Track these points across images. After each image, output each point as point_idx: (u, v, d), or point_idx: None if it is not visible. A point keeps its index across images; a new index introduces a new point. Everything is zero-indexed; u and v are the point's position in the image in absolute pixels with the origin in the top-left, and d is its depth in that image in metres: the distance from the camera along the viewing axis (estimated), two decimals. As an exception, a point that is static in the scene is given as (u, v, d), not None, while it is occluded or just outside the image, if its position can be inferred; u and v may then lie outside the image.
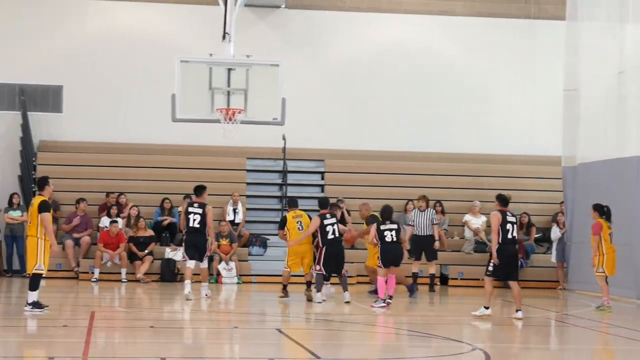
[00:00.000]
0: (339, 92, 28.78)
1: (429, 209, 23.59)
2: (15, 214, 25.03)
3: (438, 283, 24.83)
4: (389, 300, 19.33)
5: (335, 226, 20.02)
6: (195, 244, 20.13)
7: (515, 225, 17.92)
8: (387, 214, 19.91)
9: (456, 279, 25.46)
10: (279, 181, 27.72)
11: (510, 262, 17.87)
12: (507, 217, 17.81)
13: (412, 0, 29.19)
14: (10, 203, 25.52)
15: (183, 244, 20.59)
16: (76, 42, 27.79)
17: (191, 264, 20.04)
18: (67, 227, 25.11)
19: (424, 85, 29.00)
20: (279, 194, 27.71)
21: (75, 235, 24.97)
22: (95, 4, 27.90)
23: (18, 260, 25.05)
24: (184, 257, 20.40)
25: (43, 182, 17.59)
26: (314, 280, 20.05)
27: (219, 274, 24.27)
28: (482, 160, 28.51)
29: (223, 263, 24.41)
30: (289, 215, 20.63)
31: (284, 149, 27.51)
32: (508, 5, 29.47)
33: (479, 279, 24.05)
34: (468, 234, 26.44)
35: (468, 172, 28.02)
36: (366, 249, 21.89)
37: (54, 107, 27.83)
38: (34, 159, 26.79)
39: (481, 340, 15.60)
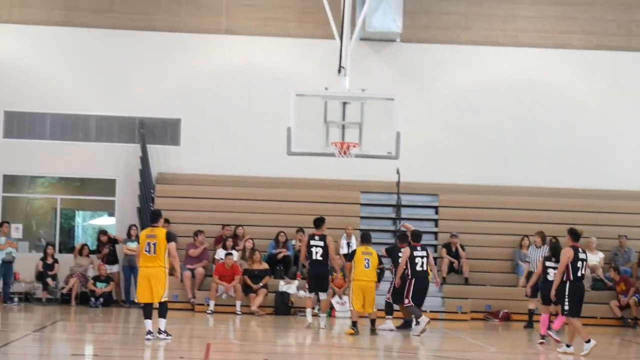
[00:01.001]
0: (453, 126, 28.62)
1: (545, 245, 23.23)
2: (134, 245, 25.41)
3: (554, 320, 24.37)
4: None
5: (425, 259, 20.03)
6: (318, 276, 20.36)
7: (585, 262, 17.53)
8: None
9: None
10: (393, 215, 27.65)
11: (581, 300, 17.52)
12: (579, 253, 17.42)
13: (527, 33, 28.94)
14: (129, 235, 26.00)
15: (306, 276, 20.77)
16: (194, 76, 28.25)
17: (310, 295, 20.31)
18: (195, 252, 25.30)
19: (540, 119, 28.66)
20: (392, 228, 27.63)
21: (190, 266, 25.28)
22: (213, 39, 28.31)
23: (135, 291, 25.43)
24: (305, 288, 20.58)
25: (158, 215, 17.98)
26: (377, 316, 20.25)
27: (332, 307, 24.28)
28: (599, 196, 28.00)
29: (336, 297, 24.42)
30: (359, 249, 20.57)
31: (397, 183, 27.45)
32: (627, 38, 28.98)
33: (596, 317, 23.65)
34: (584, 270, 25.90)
35: (585, 207, 27.53)
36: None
37: (172, 140, 28.30)
38: (152, 191, 27.23)
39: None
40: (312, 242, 20.54)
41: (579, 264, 17.37)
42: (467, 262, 26.19)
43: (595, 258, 25.79)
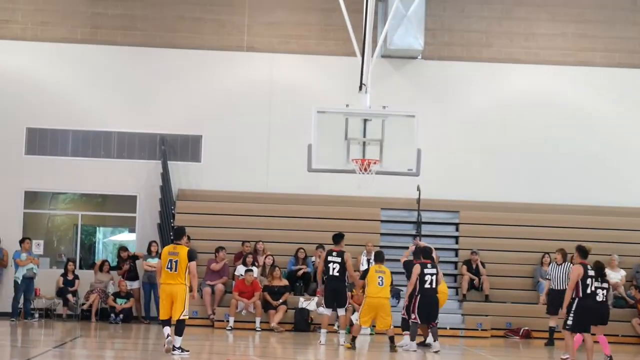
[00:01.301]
0: (474, 143, 28.60)
1: (567, 262, 23.16)
2: (154, 261, 25.44)
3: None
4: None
5: (434, 277, 19.94)
6: (335, 292, 20.39)
7: (593, 279, 17.62)
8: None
9: (594, 334, 24.78)
10: (413, 232, 27.61)
11: (590, 316, 17.85)
12: (588, 270, 17.55)
13: (549, 50, 28.91)
14: (149, 251, 26.06)
15: (323, 292, 20.78)
16: (216, 93, 28.34)
17: (327, 311, 20.31)
18: (216, 267, 25.32)
19: (561, 136, 28.60)
20: (413, 245, 27.54)
21: (210, 282, 25.28)
22: (235, 56, 28.38)
23: (155, 308, 25.48)
24: (322, 305, 20.58)
25: (181, 233, 18.06)
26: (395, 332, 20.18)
27: (351, 324, 24.21)
28: (621, 214, 27.89)
29: (356, 314, 24.34)
30: (373, 268, 20.61)
31: (418, 200, 27.40)
32: (649, 56, 28.94)
33: (617, 335, 23.52)
34: (606, 288, 25.79)
35: (607, 225, 27.42)
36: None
37: (193, 156, 28.37)
38: (172, 207, 27.29)
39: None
40: (329, 258, 20.60)
41: (588, 281, 17.70)
42: (487, 279, 26.12)
43: (617, 276, 25.68)
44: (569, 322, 17.85)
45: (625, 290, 25.86)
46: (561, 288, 22.81)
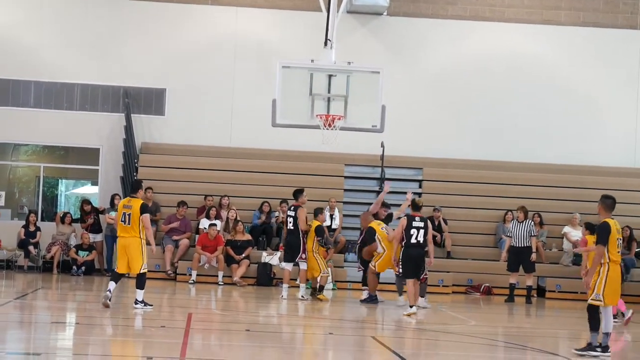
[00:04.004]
0: (438, 100, 28.65)
1: (528, 220, 23.36)
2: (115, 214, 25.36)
3: (535, 295, 24.55)
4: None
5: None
6: (290, 246, 20.76)
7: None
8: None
9: (554, 291, 25.12)
10: (377, 188, 27.68)
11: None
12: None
13: (514, 9, 28.93)
14: (112, 204, 25.97)
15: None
16: (180, 46, 28.15)
17: (288, 266, 20.61)
18: (165, 228, 25.43)
19: (525, 94, 28.73)
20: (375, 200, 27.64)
21: (175, 237, 25.27)
22: (199, 9, 28.22)
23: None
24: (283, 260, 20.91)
25: (138, 186, 17.99)
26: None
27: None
28: (583, 172, 28.11)
29: (327, 268, 24.40)
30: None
31: (382, 157, 27.47)
32: (614, 15, 29.00)
33: (577, 292, 23.77)
34: (567, 246, 26.08)
35: (568, 183, 27.66)
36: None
37: (157, 109, 28.23)
38: (136, 160, 27.19)
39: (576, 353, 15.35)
40: (288, 213, 21.08)
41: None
42: (449, 236, 26.27)
43: (577, 233, 25.88)
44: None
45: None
46: (522, 245, 23.07)
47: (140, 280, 17.57)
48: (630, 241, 25.73)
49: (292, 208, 21.04)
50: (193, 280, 24.32)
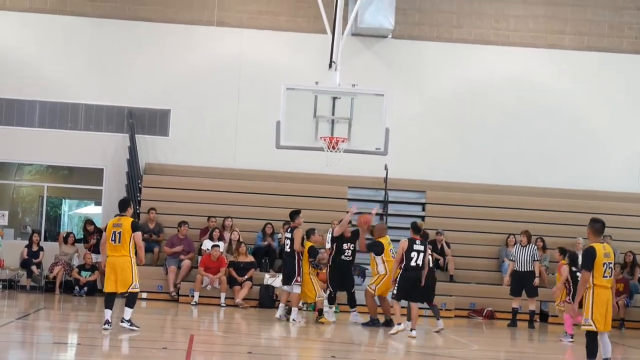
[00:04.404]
0: (442, 124, 28.67)
1: (531, 244, 23.31)
2: (120, 234, 25.33)
3: (538, 320, 24.48)
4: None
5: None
6: (286, 268, 20.88)
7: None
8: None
9: (556, 316, 25.01)
10: (380, 211, 27.65)
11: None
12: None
13: (519, 33, 28.98)
14: (115, 224, 25.90)
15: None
16: (185, 68, 28.22)
17: (287, 288, 20.59)
18: (169, 251, 25.40)
19: (528, 119, 28.75)
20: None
21: (183, 257, 25.23)
22: (204, 31, 28.27)
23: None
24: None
25: (126, 204, 17.73)
26: None
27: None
28: (586, 197, 28.06)
29: (321, 291, 24.38)
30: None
31: (385, 179, 27.46)
32: (619, 40, 29.05)
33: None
34: (570, 270, 25.98)
35: (571, 208, 27.59)
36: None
37: (161, 130, 28.27)
38: (139, 181, 27.19)
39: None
40: (286, 235, 21.01)
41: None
42: (452, 259, 26.24)
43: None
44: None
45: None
46: (525, 270, 23.01)
47: (131, 300, 17.34)
48: (634, 266, 25.68)
49: (289, 229, 20.97)
50: (195, 301, 24.28)
